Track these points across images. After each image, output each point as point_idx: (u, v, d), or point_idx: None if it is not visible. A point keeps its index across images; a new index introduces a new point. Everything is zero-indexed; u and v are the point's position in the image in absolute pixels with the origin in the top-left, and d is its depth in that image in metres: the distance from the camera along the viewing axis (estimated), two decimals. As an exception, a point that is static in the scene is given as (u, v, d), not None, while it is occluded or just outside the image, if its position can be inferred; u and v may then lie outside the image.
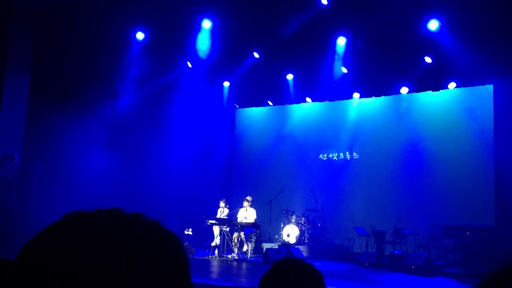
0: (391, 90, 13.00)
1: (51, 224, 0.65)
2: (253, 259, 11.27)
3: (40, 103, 10.51)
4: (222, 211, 12.46)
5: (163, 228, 0.69)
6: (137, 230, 0.66)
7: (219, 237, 11.95)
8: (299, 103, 14.56)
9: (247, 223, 11.59)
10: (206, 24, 11.46)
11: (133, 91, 12.39)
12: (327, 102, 14.21)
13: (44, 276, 0.60)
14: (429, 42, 10.79)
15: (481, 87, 11.74)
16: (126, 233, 0.65)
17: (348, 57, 12.02)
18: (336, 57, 12.10)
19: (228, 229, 11.45)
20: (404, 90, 12.79)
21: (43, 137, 10.60)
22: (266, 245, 12.26)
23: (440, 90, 12.49)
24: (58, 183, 10.65)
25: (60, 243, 0.62)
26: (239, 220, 11.94)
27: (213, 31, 11.61)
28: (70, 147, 10.90)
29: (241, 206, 12.36)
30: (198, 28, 11.57)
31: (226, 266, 10.31)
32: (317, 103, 14.40)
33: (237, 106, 15.83)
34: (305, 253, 11.61)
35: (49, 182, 10.63)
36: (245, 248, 11.87)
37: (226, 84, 14.65)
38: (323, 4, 10.24)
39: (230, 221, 11.50)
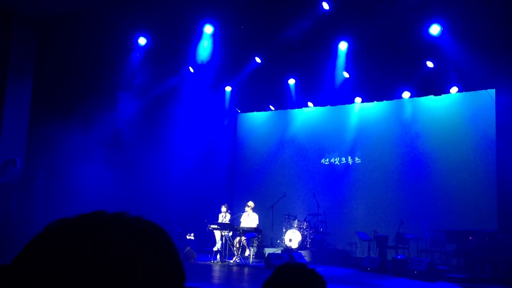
0: (393, 94, 13.00)
1: (37, 235, 0.66)
2: (255, 264, 11.25)
3: (42, 109, 10.55)
4: (224, 216, 12.45)
5: (148, 221, 0.70)
6: (122, 227, 0.66)
7: (220, 242, 11.93)
8: (301, 107, 14.57)
9: (249, 228, 11.56)
10: (208, 29, 11.49)
11: (135, 96, 12.41)
12: (329, 106, 14.21)
13: (41, 283, 0.60)
14: (431, 46, 10.80)
15: (483, 91, 11.73)
16: (110, 231, 0.65)
17: (350, 62, 12.03)
18: (338, 62, 12.11)
19: (230, 234, 11.43)
20: (406, 94, 12.79)
21: (45, 143, 10.61)
22: (268, 250, 12.23)
23: (442, 95, 12.48)
24: (60, 189, 10.66)
25: (49, 250, 0.62)
26: (241, 225, 11.92)
27: (215, 36, 11.64)
28: (72, 152, 10.91)
29: (243, 211, 12.35)
30: (200, 33, 11.60)
31: (228, 271, 10.28)
32: (319, 107, 14.40)
33: (239, 111, 15.84)
34: (307, 258, 11.58)
35: (51, 188, 10.65)
36: (247, 253, 11.85)
37: (228, 89, 14.67)
38: (324, 9, 10.26)
39: (232, 226, 11.48)
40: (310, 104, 14.40)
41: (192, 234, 12.90)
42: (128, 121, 12.32)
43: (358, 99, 13.56)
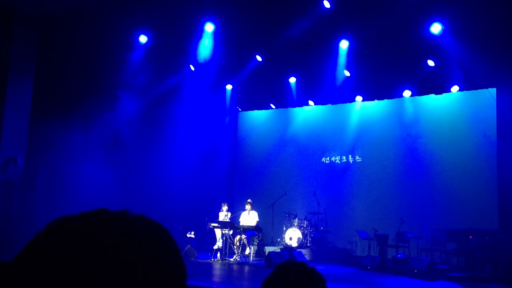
0: (394, 93, 13.00)
1: (39, 233, 0.66)
2: (255, 262, 11.26)
3: (43, 107, 10.56)
4: (227, 214, 12.47)
5: (150, 220, 0.70)
6: (124, 226, 0.66)
7: (221, 240, 11.94)
8: (302, 106, 14.57)
9: (249, 226, 11.57)
10: (209, 27, 11.48)
11: (136, 95, 12.42)
12: (329, 105, 14.21)
13: (41, 282, 0.60)
14: (432, 45, 10.79)
15: (484, 90, 11.72)
16: (112, 230, 0.65)
17: (351, 61, 12.02)
18: (339, 60, 12.10)
19: (230, 232, 11.44)
20: (407, 93, 12.79)
21: (46, 141, 10.63)
22: (268, 248, 12.25)
23: (443, 94, 12.48)
24: (61, 187, 10.67)
25: (51, 249, 0.62)
26: (241, 223, 11.93)
27: (216, 34, 11.63)
28: (73, 151, 10.92)
29: (244, 209, 12.35)
30: (201, 31, 11.60)
31: (228, 269, 10.29)
32: (319, 106, 14.40)
33: (240, 109, 15.84)
34: (307, 257, 11.58)
35: (52, 186, 10.66)
36: (247, 251, 11.86)
37: (229, 87, 14.66)
38: (325, 7, 10.25)
39: (233, 224, 11.50)
40: (311, 102, 14.40)
41: (192, 232, 12.91)
42: (129, 119, 12.33)
43: (359, 98, 13.55)
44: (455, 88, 12.11)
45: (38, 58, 10.66)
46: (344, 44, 11.74)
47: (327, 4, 10.18)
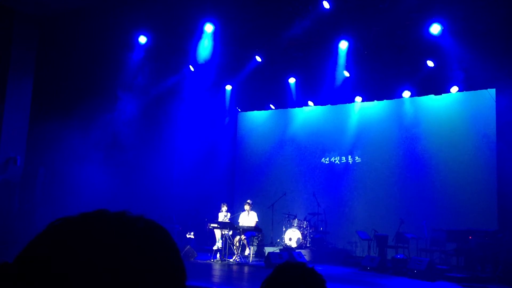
0: (393, 94, 13.00)
1: (39, 233, 0.66)
2: (255, 263, 11.26)
3: (43, 106, 10.56)
4: (226, 215, 12.47)
5: (149, 220, 0.71)
6: (124, 226, 0.67)
7: (221, 241, 11.94)
8: (301, 106, 14.57)
9: (249, 226, 11.57)
10: (209, 28, 11.48)
11: (136, 95, 12.42)
12: (329, 106, 14.21)
13: (42, 282, 0.60)
14: (432, 46, 10.79)
15: (484, 91, 11.73)
16: (111, 231, 0.65)
17: (351, 61, 12.02)
18: (339, 61, 12.10)
19: (230, 232, 11.45)
20: (406, 94, 12.79)
21: (46, 141, 10.63)
22: (268, 249, 12.25)
23: (443, 94, 12.48)
24: (61, 187, 10.67)
25: (51, 250, 0.63)
26: (240, 223, 11.93)
27: (215, 34, 11.63)
28: (73, 150, 10.92)
29: (243, 210, 12.36)
30: (201, 32, 11.59)
31: (228, 270, 10.29)
32: (319, 106, 14.40)
33: (240, 110, 15.85)
34: (307, 257, 11.59)
35: (52, 185, 10.66)
36: (247, 252, 11.86)
37: (229, 87, 14.67)
38: (325, 8, 10.25)
39: (232, 225, 11.49)
40: (310, 103, 14.40)
41: (192, 233, 12.91)
42: (129, 119, 12.33)
43: (358, 98, 13.55)
44: (454, 89, 12.11)
45: (38, 58, 10.67)
46: (343, 45, 11.73)
47: (326, 5, 10.18)
